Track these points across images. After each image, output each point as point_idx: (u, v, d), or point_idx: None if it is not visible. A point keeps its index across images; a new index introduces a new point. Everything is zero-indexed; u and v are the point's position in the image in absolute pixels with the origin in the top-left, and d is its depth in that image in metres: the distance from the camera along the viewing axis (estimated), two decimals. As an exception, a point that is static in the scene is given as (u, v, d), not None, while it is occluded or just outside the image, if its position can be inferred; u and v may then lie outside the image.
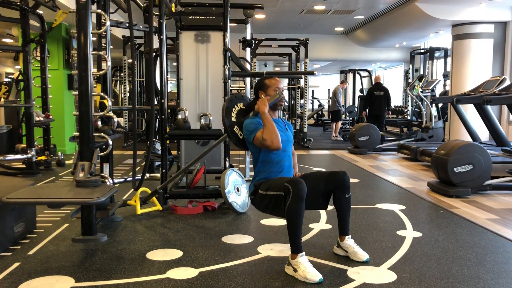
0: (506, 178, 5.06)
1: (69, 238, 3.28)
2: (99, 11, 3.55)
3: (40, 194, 2.97)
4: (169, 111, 4.78)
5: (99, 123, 3.80)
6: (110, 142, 3.59)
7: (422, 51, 11.72)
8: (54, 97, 7.28)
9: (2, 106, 6.87)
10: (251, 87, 8.09)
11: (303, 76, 9.76)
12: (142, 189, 3.88)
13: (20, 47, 6.05)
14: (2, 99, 7.25)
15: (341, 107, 11.84)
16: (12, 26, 8.15)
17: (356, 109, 14.89)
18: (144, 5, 4.40)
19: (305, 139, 9.69)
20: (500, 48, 9.08)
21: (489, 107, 6.26)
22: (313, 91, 17.96)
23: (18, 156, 6.01)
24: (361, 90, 15.18)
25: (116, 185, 3.70)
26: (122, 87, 12.40)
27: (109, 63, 3.88)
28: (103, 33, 3.92)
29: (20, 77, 6.24)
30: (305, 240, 3.26)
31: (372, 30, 12.26)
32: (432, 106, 9.18)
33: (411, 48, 13.72)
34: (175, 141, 5.52)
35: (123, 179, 4.61)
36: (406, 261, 2.87)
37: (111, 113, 3.69)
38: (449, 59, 10.60)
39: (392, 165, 7.20)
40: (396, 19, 10.49)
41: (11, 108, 6.89)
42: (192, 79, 5.41)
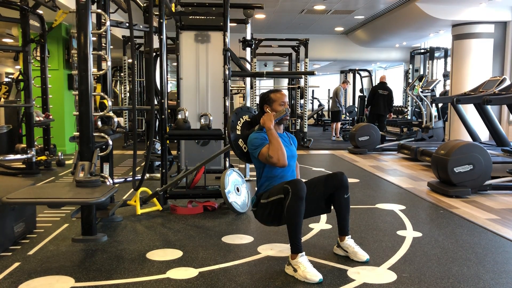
0: (506, 178, 5.06)
1: (69, 238, 3.28)
2: (99, 11, 3.55)
3: (40, 194, 2.97)
4: (169, 111, 4.78)
5: (99, 123, 3.81)
6: (110, 142, 3.59)
7: (422, 51, 11.72)
8: (54, 97, 7.28)
9: (2, 106, 6.87)
10: (251, 87, 8.10)
11: (303, 76, 9.76)
12: (142, 189, 3.88)
13: (20, 47, 6.05)
14: (2, 99, 7.25)
15: (342, 108, 11.83)
16: (12, 26, 8.16)
17: (356, 109, 14.89)
18: (144, 5, 4.40)
19: (305, 139, 9.69)
20: (500, 48, 9.08)
21: (489, 107, 6.26)
22: (313, 91, 17.95)
23: (18, 156, 6.01)
24: (361, 90, 15.18)
25: (116, 185, 3.70)
26: (122, 87, 12.41)
27: (109, 63, 3.88)
28: (103, 33, 3.92)
29: (20, 77, 6.24)
30: (305, 240, 3.26)
31: (372, 30, 12.26)
32: (432, 106, 9.18)
33: (411, 48, 13.72)
34: (175, 141, 5.52)
35: (123, 179, 4.61)
36: (406, 261, 2.87)
37: (111, 113, 3.69)
38: (449, 59, 10.60)
39: (392, 165, 7.20)
40: (396, 19, 10.49)
41: (11, 108, 6.89)
42: (192, 79, 5.41)
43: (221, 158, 5.19)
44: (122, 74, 11.89)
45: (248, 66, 5.84)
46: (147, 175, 4.82)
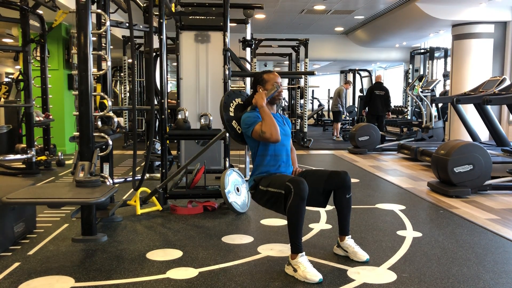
0: (506, 178, 5.06)
1: (69, 238, 3.28)
2: (99, 11, 3.55)
3: (40, 194, 2.97)
4: (169, 111, 4.78)
5: (99, 123, 3.81)
6: (110, 142, 3.59)
7: (422, 51, 11.72)
8: (54, 97, 7.28)
9: (2, 106, 6.87)
10: (251, 87, 8.08)
11: (303, 76, 9.76)
12: (142, 189, 3.88)
13: (20, 47, 6.04)
14: (2, 99, 7.25)
15: (343, 108, 11.84)
16: (12, 26, 8.16)
17: (356, 109, 14.89)
18: (144, 5, 4.40)
19: (305, 139, 9.68)
20: (500, 48, 9.08)
21: (489, 107, 6.26)
22: (313, 91, 17.96)
23: (18, 156, 6.01)
24: (361, 90, 15.19)
25: (116, 185, 3.70)
26: (122, 87, 12.40)
27: (109, 63, 3.88)
28: (103, 33, 3.92)
29: (20, 77, 6.24)
30: (305, 240, 3.25)
31: (372, 30, 12.26)
32: (432, 106, 9.18)
33: (411, 48, 13.72)
34: (175, 141, 5.52)
35: (123, 179, 4.61)
36: (406, 261, 2.87)
37: (111, 113, 3.69)
38: (449, 59, 10.60)
39: (392, 165, 7.20)
40: (396, 19, 10.49)
41: (11, 108, 6.89)
42: (192, 79, 5.41)
43: (221, 158, 5.19)
44: (122, 74, 11.88)
45: (248, 66, 5.84)
46: (147, 175, 4.82)
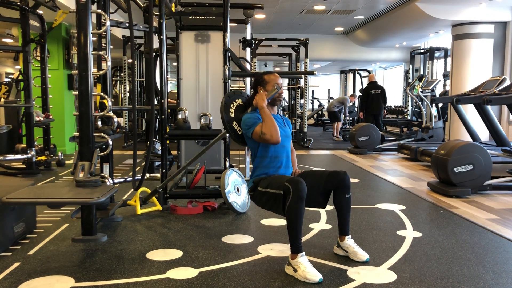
0: (506, 178, 5.06)
1: (69, 238, 3.28)
2: (99, 11, 3.55)
3: (40, 194, 2.97)
4: (169, 111, 4.78)
5: (99, 123, 3.81)
6: (110, 142, 3.59)
7: (422, 51, 11.72)
8: (54, 97, 7.28)
9: (2, 106, 6.87)
10: (251, 87, 8.09)
11: (303, 76, 9.76)
12: (142, 189, 3.88)
13: (20, 47, 6.04)
14: (2, 99, 7.24)
15: (341, 114, 11.91)
16: (12, 26, 8.15)
17: (356, 109, 14.90)
18: (144, 5, 4.40)
19: (305, 139, 9.68)
20: (500, 48, 9.08)
21: (489, 107, 6.26)
22: (313, 91, 17.95)
23: (18, 156, 6.01)
24: (361, 90, 15.18)
25: (116, 185, 3.69)
26: (122, 87, 12.41)
27: (109, 63, 3.88)
28: (103, 33, 3.92)
29: (20, 77, 6.24)
30: (305, 240, 3.25)
31: (372, 30, 12.26)
32: (432, 106, 9.18)
33: (411, 48, 13.72)
34: (175, 141, 5.52)
35: (123, 179, 4.61)
36: (406, 261, 2.87)
37: (111, 113, 3.69)
38: (449, 59, 10.60)
39: (392, 165, 7.20)
40: (396, 19, 10.49)
41: (11, 108, 6.89)
42: (192, 79, 5.41)
43: (221, 158, 5.19)
44: (122, 74, 11.89)
45: (248, 66, 5.84)
46: (147, 175, 4.82)
